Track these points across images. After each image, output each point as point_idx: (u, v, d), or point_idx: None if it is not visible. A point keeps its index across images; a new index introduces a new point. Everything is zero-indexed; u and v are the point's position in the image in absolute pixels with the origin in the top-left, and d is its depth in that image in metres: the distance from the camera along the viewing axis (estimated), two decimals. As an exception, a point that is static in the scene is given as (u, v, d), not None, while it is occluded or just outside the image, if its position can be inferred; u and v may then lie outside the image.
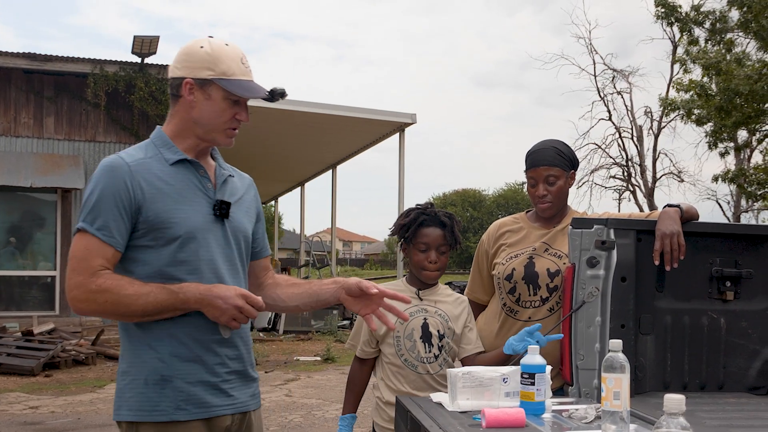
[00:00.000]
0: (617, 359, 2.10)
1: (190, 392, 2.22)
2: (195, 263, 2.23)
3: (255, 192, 2.56)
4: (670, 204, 2.93)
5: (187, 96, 2.27)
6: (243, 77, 2.28)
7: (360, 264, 64.83)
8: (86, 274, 2.15)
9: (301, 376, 10.43)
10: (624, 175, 30.29)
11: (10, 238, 14.18)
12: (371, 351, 3.17)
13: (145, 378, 2.21)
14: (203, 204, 2.29)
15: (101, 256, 2.16)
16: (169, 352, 2.21)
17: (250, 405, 2.39)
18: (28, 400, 8.60)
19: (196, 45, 2.28)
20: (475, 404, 2.41)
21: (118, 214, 2.17)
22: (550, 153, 3.16)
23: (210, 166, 2.39)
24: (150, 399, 2.20)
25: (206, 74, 2.25)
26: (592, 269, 2.83)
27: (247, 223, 2.44)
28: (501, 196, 55.79)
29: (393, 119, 15.34)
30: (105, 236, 2.16)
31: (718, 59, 18.97)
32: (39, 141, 14.13)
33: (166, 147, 2.31)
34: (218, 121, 2.29)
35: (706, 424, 2.32)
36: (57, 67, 13.88)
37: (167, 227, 2.20)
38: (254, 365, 2.47)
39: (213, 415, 2.26)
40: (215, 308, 2.18)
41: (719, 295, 2.95)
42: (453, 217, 3.16)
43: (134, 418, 2.22)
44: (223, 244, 2.31)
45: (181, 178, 2.28)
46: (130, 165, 2.22)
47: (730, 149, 23.02)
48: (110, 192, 2.18)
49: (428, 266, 3.10)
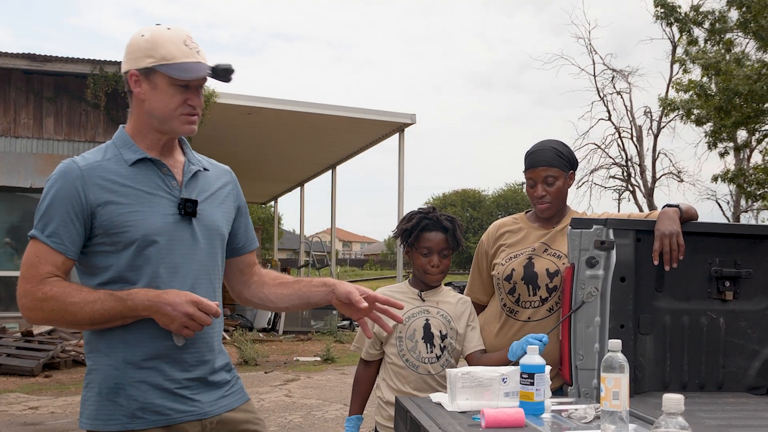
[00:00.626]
0: (616, 359, 2.10)
1: (146, 399, 2.14)
2: (155, 267, 2.15)
3: (234, 184, 2.46)
4: (670, 204, 2.93)
5: (135, 89, 2.21)
6: (186, 59, 2.17)
7: (360, 264, 64.84)
8: (34, 281, 2.10)
9: (301, 377, 10.42)
10: (623, 175, 30.30)
11: (10, 238, 14.17)
12: (376, 353, 3.19)
13: (99, 386, 2.16)
14: (166, 204, 2.20)
15: (50, 263, 2.11)
16: (123, 359, 2.14)
17: (223, 406, 2.29)
18: (28, 400, 8.60)
19: (137, 35, 2.21)
20: (474, 404, 2.41)
21: (69, 220, 2.11)
22: (548, 153, 3.16)
23: (177, 162, 2.30)
24: (104, 407, 2.15)
25: (147, 62, 2.17)
26: (592, 269, 2.83)
27: (221, 220, 2.34)
28: (500, 197, 55.80)
29: (392, 119, 15.34)
30: (54, 243, 2.10)
31: (717, 59, 18.97)
32: (39, 141, 14.13)
33: (126, 147, 2.23)
34: (169, 109, 2.19)
35: (705, 423, 2.32)
36: (56, 67, 13.87)
37: (122, 231, 2.13)
38: (228, 366, 2.37)
39: (174, 422, 2.18)
40: (164, 315, 2.09)
41: (718, 295, 2.95)
42: (455, 220, 3.17)
43: (91, 427, 2.17)
44: (191, 244, 2.22)
45: (141, 179, 2.20)
46: (83, 169, 2.15)
47: (730, 149, 23.01)
48: (61, 197, 2.12)
49: (431, 270, 3.13)
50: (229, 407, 2.33)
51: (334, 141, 17.04)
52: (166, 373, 2.17)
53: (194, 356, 2.23)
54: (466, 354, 3.17)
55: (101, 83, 13.95)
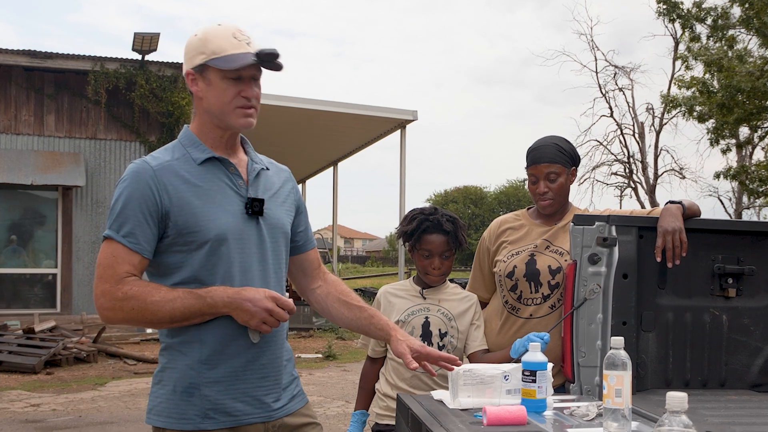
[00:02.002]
0: (619, 356, 2.09)
1: (218, 400, 2.17)
2: (228, 266, 2.17)
3: (293, 184, 2.49)
4: (672, 200, 2.92)
5: (192, 87, 2.23)
6: (235, 51, 2.16)
7: (361, 261, 64.86)
8: (112, 281, 2.10)
9: (303, 374, 10.42)
10: (625, 171, 30.30)
11: (12, 236, 14.18)
12: (381, 350, 3.23)
13: (174, 384, 2.18)
14: (235, 203, 2.22)
15: (128, 263, 2.11)
16: (198, 359, 2.16)
17: (288, 409, 2.32)
18: (30, 398, 8.60)
19: (192, 36, 2.23)
20: (476, 402, 2.40)
21: (144, 221, 2.12)
22: (551, 150, 3.14)
23: (242, 161, 2.32)
24: (178, 406, 2.17)
25: (200, 59, 2.18)
26: (594, 266, 2.81)
27: (285, 218, 2.36)
28: (502, 193, 55.78)
29: (394, 116, 15.32)
30: (131, 243, 2.11)
31: (719, 56, 18.93)
32: (40, 138, 14.13)
33: (193, 146, 2.24)
34: (223, 103, 2.20)
35: (708, 421, 2.31)
36: (57, 64, 13.87)
37: (196, 231, 2.14)
38: (293, 367, 2.41)
39: (241, 423, 2.20)
40: (244, 311, 2.12)
41: (721, 292, 2.95)
42: (457, 221, 3.16)
43: (162, 424, 2.19)
44: (258, 243, 2.24)
45: (211, 178, 2.21)
46: (155, 169, 2.16)
47: (732, 146, 22.97)
48: (136, 198, 2.13)
49: (431, 272, 3.14)
50: (291, 410, 2.35)
51: (336, 138, 17.03)
52: (240, 373, 2.20)
53: (266, 355, 2.25)
54: (469, 353, 3.17)
55: (102, 80, 13.95)
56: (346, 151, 18.97)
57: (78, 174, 13.78)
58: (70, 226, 14.10)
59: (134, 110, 14.38)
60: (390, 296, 3.23)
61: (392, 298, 3.22)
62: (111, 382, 9.60)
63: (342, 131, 16.32)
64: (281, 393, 2.30)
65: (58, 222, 14.17)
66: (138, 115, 14.44)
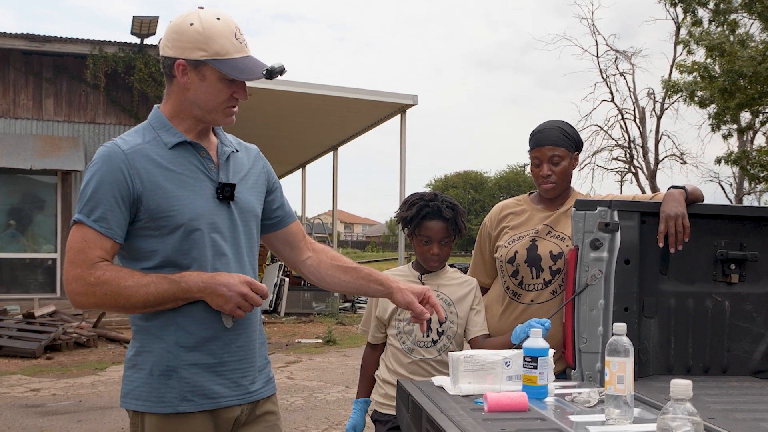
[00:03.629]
0: (621, 343, 2.07)
1: (197, 383, 2.17)
2: (202, 251, 2.17)
3: (263, 162, 2.47)
4: (675, 185, 2.89)
5: (180, 77, 2.18)
6: (238, 54, 2.16)
7: (361, 246, 64.91)
8: (84, 266, 2.08)
9: (303, 359, 10.43)
10: (626, 157, 30.27)
11: (11, 220, 14.17)
12: (381, 336, 3.22)
13: (150, 368, 2.17)
14: (207, 188, 2.21)
15: (99, 247, 2.10)
16: (175, 342, 2.16)
17: (262, 393, 2.34)
18: (30, 382, 8.61)
19: (185, 22, 2.16)
20: (477, 388, 2.39)
21: (116, 205, 2.10)
22: (555, 133, 3.12)
23: (212, 143, 2.31)
24: (155, 389, 2.16)
25: (199, 55, 2.14)
26: (596, 252, 2.79)
27: (255, 201, 2.36)
28: (503, 178, 55.75)
29: (394, 101, 15.26)
30: (102, 228, 2.09)
31: (721, 40, 18.87)
32: (38, 123, 14.09)
33: (164, 129, 2.22)
34: (215, 102, 2.19)
35: (710, 408, 2.29)
36: (56, 48, 13.81)
37: (169, 215, 2.13)
38: (266, 351, 2.41)
39: (220, 406, 2.21)
40: (219, 296, 2.12)
41: (724, 277, 2.92)
42: (457, 207, 3.14)
43: (140, 407, 2.18)
44: (230, 227, 2.24)
45: (182, 162, 2.19)
46: (127, 153, 2.13)
47: (733, 131, 22.94)
48: (107, 182, 2.10)
49: (430, 258, 3.13)
50: (266, 394, 2.37)
51: (336, 122, 16.98)
52: (216, 355, 2.20)
53: (241, 339, 2.26)
54: (469, 338, 3.16)
55: (101, 64, 13.90)
56: (346, 135, 18.92)
57: (77, 158, 13.74)
58: (69, 211, 14.07)
59: (133, 94, 14.34)
60: None
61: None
62: (111, 367, 9.61)
63: (342, 116, 16.27)
64: (257, 375, 2.32)
65: (58, 206, 14.15)
66: (137, 99, 14.39)
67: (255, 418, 2.33)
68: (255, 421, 2.33)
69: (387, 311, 3.14)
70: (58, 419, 6.87)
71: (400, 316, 3.11)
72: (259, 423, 2.34)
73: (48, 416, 6.99)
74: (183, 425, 2.17)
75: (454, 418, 2.12)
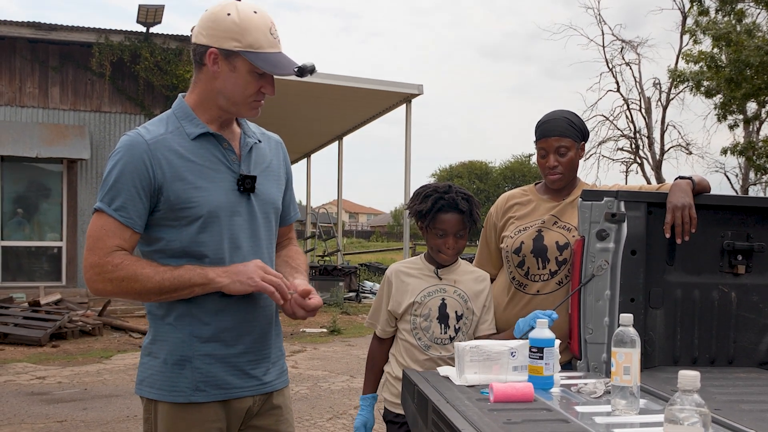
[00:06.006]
0: (628, 334, 2.07)
1: (210, 373, 2.19)
2: (218, 242, 2.18)
3: (284, 154, 2.47)
4: (682, 176, 2.88)
5: (210, 66, 2.17)
6: (271, 50, 2.16)
7: (366, 236, 64.93)
8: (101, 253, 2.10)
9: (307, 348, 10.45)
10: (632, 147, 30.19)
11: (17, 208, 14.20)
12: (391, 330, 3.12)
13: (165, 356, 2.19)
14: (227, 179, 2.21)
15: (118, 236, 2.11)
16: (189, 332, 2.18)
17: (275, 385, 2.35)
18: (35, 370, 8.64)
19: (222, 12, 2.15)
20: (482, 378, 2.39)
21: (137, 195, 2.11)
22: (561, 123, 3.10)
23: (235, 134, 2.31)
24: (169, 378, 2.18)
25: (232, 45, 2.13)
26: (602, 242, 2.79)
27: (276, 193, 2.36)
28: (508, 168, 55.58)
29: (399, 90, 15.24)
30: (122, 217, 2.11)
31: (728, 30, 18.78)
32: (44, 111, 14.10)
33: (187, 119, 2.22)
34: (243, 94, 2.19)
35: (717, 399, 2.29)
36: (62, 36, 13.81)
37: (188, 207, 2.14)
38: (281, 343, 2.42)
39: (232, 396, 2.23)
40: (238, 272, 2.13)
41: (730, 268, 2.91)
42: (471, 199, 3.05)
43: (153, 395, 2.20)
44: (249, 219, 2.25)
45: (204, 153, 2.20)
46: (149, 142, 2.14)
47: (740, 121, 22.85)
48: (129, 171, 2.11)
49: (445, 251, 3.02)
50: (278, 387, 2.38)
51: (341, 112, 16.97)
52: (231, 346, 2.22)
53: (256, 330, 2.27)
54: (476, 336, 3.06)
55: (107, 52, 13.90)
56: (352, 125, 18.90)
57: (83, 147, 13.76)
58: (75, 199, 14.10)
59: (139, 83, 14.33)
60: (403, 275, 3.09)
61: (405, 278, 3.08)
62: (116, 356, 9.65)
63: (347, 105, 16.25)
64: (270, 366, 2.33)
65: (63, 195, 14.17)
66: (143, 88, 14.38)
67: (267, 409, 2.34)
68: (267, 413, 2.34)
69: (401, 305, 3.03)
70: (63, 407, 6.90)
71: (416, 312, 3.01)
72: (271, 414, 2.35)
73: (53, 404, 7.01)
74: (195, 414, 2.19)
75: (459, 408, 2.12)
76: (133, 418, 6.44)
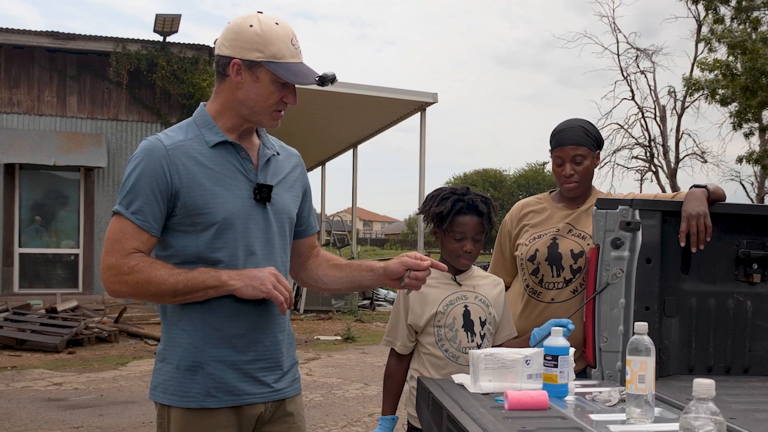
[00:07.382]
0: (643, 342, 2.07)
1: (221, 379, 2.20)
2: (233, 250, 2.20)
3: (302, 168, 2.49)
4: (697, 184, 2.88)
5: (234, 76, 2.20)
6: (293, 60, 2.19)
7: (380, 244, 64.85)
8: (118, 255, 2.13)
9: (322, 356, 10.46)
10: (646, 155, 30.07)
11: (35, 216, 14.31)
12: (412, 345, 2.99)
13: (177, 362, 2.21)
14: (244, 187, 2.24)
15: (136, 239, 2.14)
16: (202, 338, 2.19)
17: (286, 392, 2.35)
18: (52, 376, 8.70)
19: (245, 23, 2.18)
20: (497, 386, 2.39)
21: (154, 199, 2.14)
22: (577, 132, 3.11)
23: (254, 145, 2.33)
24: (181, 384, 2.20)
25: (255, 56, 2.16)
26: (617, 250, 2.79)
27: (292, 204, 2.39)
28: (522, 177, 55.53)
29: (414, 98, 15.26)
30: (139, 221, 2.14)
31: (743, 38, 18.70)
32: (62, 119, 14.22)
33: (207, 127, 2.25)
34: (265, 104, 2.22)
35: (732, 408, 2.29)
36: (80, 45, 13.94)
37: (204, 213, 2.16)
38: (294, 352, 2.44)
39: (244, 403, 2.24)
40: (252, 278, 2.15)
41: (746, 277, 2.91)
42: (490, 202, 2.98)
43: (166, 401, 2.22)
44: (264, 228, 2.27)
45: (221, 161, 2.22)
46: (168, 148, 2.17)
47: (755, 130, 22.70)
48: (147, 175, 2.14)
49: (463, 255, 2.93)
50: (290, 394, 2.38)
51: (356, 120, 16.99)
52: (243, 353, 2.23)
53: (269, 337, 2.29)
54: (500, 342, 3.00)
55: (124, 61, 14.00)
56: (366, 133, 18.92)
57: (100, 155, 13.86)
58: (92, 207, 14.20)
59: (155, 92, 14.43)
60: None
61: (423, 288, 2.70)
62: (132, 362, 9.69)
63: (362, 113, 16.28)
64: (283, 375, 2.34)
65: (81, 203, 14.27)
66: (159, 97, 14.48)
67: (280, 416, 2.35)
68: (279, 420, 2.35)
69: (422, 318, 2.91)
70: (79, 413, 6.94)
71: (439, 322, 2.90)
72: (283, 422, 2.36)
73: (70, 410, 7.06)
74: (207, 420, 2.20)
75: (474, 415, 2.12)
76: (148, 425, 6.48)
